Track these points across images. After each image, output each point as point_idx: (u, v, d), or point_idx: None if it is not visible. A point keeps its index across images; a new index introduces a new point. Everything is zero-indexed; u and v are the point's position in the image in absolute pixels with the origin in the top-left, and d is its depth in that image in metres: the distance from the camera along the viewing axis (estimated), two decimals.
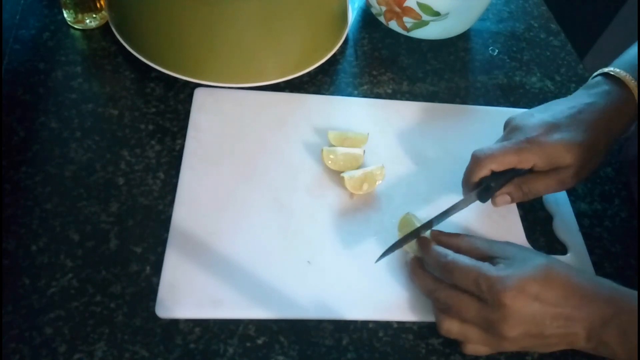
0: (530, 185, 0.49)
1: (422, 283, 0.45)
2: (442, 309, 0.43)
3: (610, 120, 0.49)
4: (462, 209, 0.49)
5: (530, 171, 0.49)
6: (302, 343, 0.44)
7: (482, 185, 0.49)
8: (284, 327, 0.45)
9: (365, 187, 0.52)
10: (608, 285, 0.41)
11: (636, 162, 0.57)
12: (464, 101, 0.64)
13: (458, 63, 0.69)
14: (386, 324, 0.46)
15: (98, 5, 0.61)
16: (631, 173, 0.59)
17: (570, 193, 0.57)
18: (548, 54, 0.72)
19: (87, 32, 0.62)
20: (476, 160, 0.48)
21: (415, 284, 0.46)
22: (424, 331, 0.46)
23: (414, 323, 0.46)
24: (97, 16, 0.61)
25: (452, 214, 0.49)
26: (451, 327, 0.42)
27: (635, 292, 0.40)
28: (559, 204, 0.56)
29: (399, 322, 0.46)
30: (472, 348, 0.43)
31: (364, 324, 0.46)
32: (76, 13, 0.60)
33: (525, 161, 0.47)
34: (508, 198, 0.50)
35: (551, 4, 0.80)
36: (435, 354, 0.45)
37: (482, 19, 0.74)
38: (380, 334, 0.46)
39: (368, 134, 0.56)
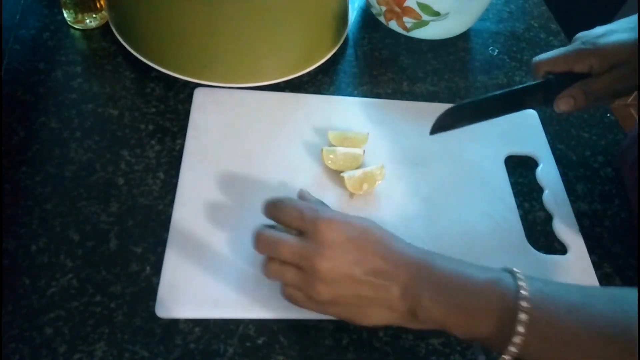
0: (592, 86, 0.50)
1: (254, 233, 0.42)
2: (263, 250, 0.41)
3: None
4: (527, 106, 0.51)
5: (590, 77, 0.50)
6: (302, 343, 0.44)
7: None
8: (284, 327, 0.45)
9: (365, 187, 0.52)
10: (424, 250, 0.40)
11: (634, 166, 0.57)
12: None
13: (458, 63, 0.69)
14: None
15: (98, 5, 0.61)
16: (628, 177, 0.59)
17: (570, 193, 0.57)
18: None
19: (87, 32, 0.62)
20: (534, 63, 0.51)
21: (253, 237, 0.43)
22: (424, 331, 0.46)
23: None
24: (97, 16, 0.61)
25: (510, 109, 0.50)
26: (271, 267, 0.41)
27: (451, 259, 0.40)
28: (559, 204, 0.56)
29: None
30: (288, 291, 0.41)
31: None
32: (76, 13, 0.60)
33: (582, 62, 0.49)
34: (571, 100, 0.50)
35: (551, 4, 0.80)
36: (435, 354, 0.45)
37: (482, 19, 0.74)
38: (380, 334, 0.46)
39: (368, 133, 0.56)
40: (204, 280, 0.45)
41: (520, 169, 0.59)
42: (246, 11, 0.54)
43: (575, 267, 0.51)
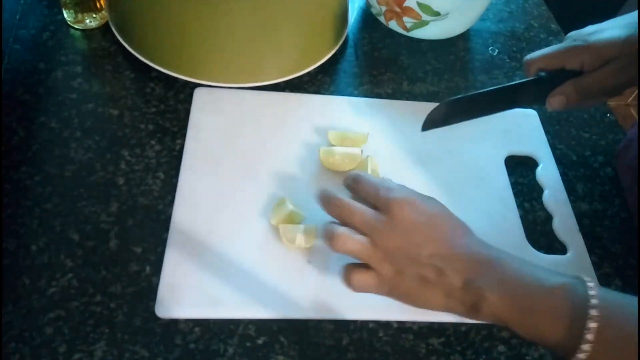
0: (584, 82, 0.50)
1: (322, 194, 0.44)
2: (335, 215, 0.42)
3: None
4: (519, 104, 0.51)
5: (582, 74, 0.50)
6: (302, 343, 0.44)
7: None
8: (284, 327, 0.45)
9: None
10: (494, 248, 0.40)
11: (630, 167, 0.57)
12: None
13: (458, 63, 0.69)
14: (386, 324, 0.46)
15: (98, 5, 0.61)
16: (625, 178, 0.59)
17: (570, 193, 0.57)
18: None
19: (87, 32, 0.62)
20: (525, 62, 0.51)
21: (318, 200, 0.44)
22: (424, 331, 0.46)
23: (414, 323, 0.46)
24: (97, 16, 0.61)
25: (502, 106, 0.50)
26: (347, 238, 0.40)
27: (519, 259, 0.40)
28: (559, 204, 0.56)
29: (399, 322, 0.46)
30: (357, 276, 0.41)
31: (364, 324, 0.46)
32: (76, 13, 0.60)
33: (573, 59, 0.49)
34: (563, 98, 0.50)
35: (551, 4, 0.80)
36: (435, 354, 0.45)
37: (482, 19, 0.74)
38: (380, 334, 0.46)
39: (368, 133, 0.56)
40: (204, 280, 0.45)
41: (520, 169, 0.59)
42: (246, 11, 0.54)
43: (575, 267, 0.51)
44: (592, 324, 0.34)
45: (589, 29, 0.51)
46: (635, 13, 0.51)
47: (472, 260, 0.39)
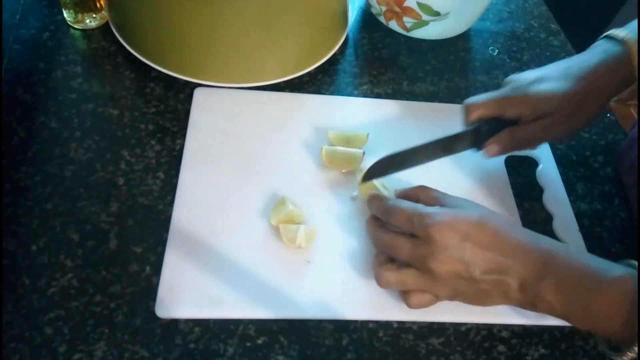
0: (519, 133, 0.50)
1: (370, 231, 0.46)
2: (380, 251, 0.45)
3: (602, 76, 0.49)
4: (456, 151, 0.52)
5: (519, 122, 0.50)
6: (302, 343, 0.44)
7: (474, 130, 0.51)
8: (284, 327, 0.45)
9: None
10: (545, 240, 0.41)
11: (633, 166, 0.57)
12: (464, 101, 0.64)
13: (458, 63, 0.69)
14: (386, 324, 0.46)
15: (98, 5, 0.61)
16: (627, 177, 0.59)
17: (570, 193, 0.57)
18: (548, 54, 0.72)
19: (87, 32, 0.62)
20: (465, 106, 0.51)
21: (368, 235, 0.47)
22: (424, 331, 0.46)
23: (414, 323, 0.46)
24: (97, 16, 0.61)
25: (441, 155, 0.51)
26: (390, 276, 0.42)
27: (572, 249, 0.41)
28: (559, 204, 0.56)
29: (399, 322, 0.46)
30: (415, 299, 0.43)
31: (364, 324, 0.46)
32: (76, 13, 0.60)
33: (510, 109, 0.50)
34: (500, 146, 0.51)
35: (551, 4, 0.80)
36: (435, 354, 0.45)
37: (482, 19, 0.74)
38: (380, 334, 0.46)
39: (368, 134, 0.56)
40: (204, 280, 0.45)
41: (520, 169, 0.59)
42: (246, 11, 0.54)
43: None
44: None
45: (529, 75, 0.51)
46: (576, 60, 0.51)
47: (524, 262, 0.39)
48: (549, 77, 0.50)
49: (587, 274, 0.38)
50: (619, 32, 0.51)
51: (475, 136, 0.51)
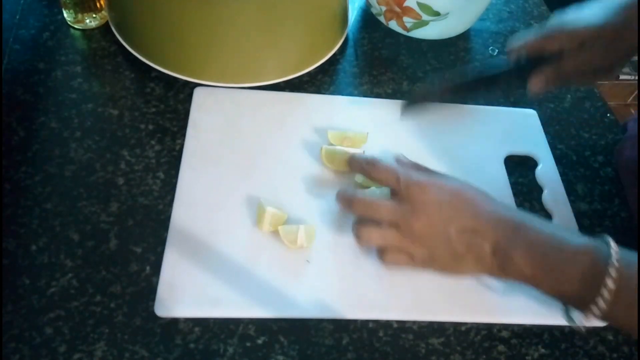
0: (561, 66, 0.51)
1: (343, 196, 0.46)
2: (359, 214, 0.45)
3: None
4: (504, 87, 0.53)
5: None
6: (302, 343, 0.44)
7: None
8: (284, 327, 0.45)
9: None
10: (518, 210, 0.43)
11: (630, 163, 0.57)
12: (464, 101, 0.64)
13: (458, 63, 0.69)
14: (386, 324, 0.46)
15: (98, 5, 0.61)
16: (625, 175, 0.59)
17: (570, 193, 0.57)
18: None
19: (87, 32, 0.62)
20: (507, 51, 0.53)
21: (338, 202, 0.47)
22: (424, 331, 0.46)
23: (414, 323, 0.46)
24: (97, 16, 0.61)
25: (492, 91, 0.52)
26: (371, 234, 0.44)
27: (542, 219, 0.42)
28: (559, 203, 0.56)
29: (399, 322, 0.46)
30: (390, 255, 0.44)
31: (364, 324, 0.46)
32: (76, 13, 0.60)
33: (552, 41, 0.51)
34: (543, 77, 0.52)
35: (551, 4, 0.80)
36: (435, 354, 0.45)
37: (482, 19, 0.74)
38: (380, 334, 0.46)
39: (367, 133, 0.56)
40: (203, 279, 0.45)
41: (520, 168, 0.59)
42: (246, 11, 0.54)
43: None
44: (610, 283, 0.36)
45: (570, 13, 0.52)
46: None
47: (497, 226, 0.41)
48: (588, 12, 0.51)
49: (554, 240, 0.40)
50: None
51: (519, 71, 0.52)
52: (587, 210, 0.57)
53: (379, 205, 0.43)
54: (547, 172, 0.58)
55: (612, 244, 0.38)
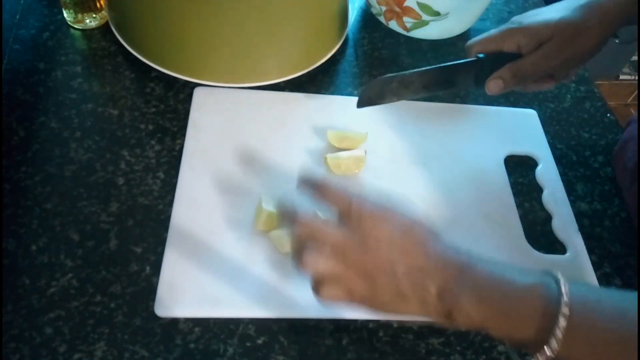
0: (520, 66, 0.51)
1: (285, 211, 0.41)
2: (304, 235, 0.40)
3: (602, 5, 0.50)
4: (457, 85, 0.52)
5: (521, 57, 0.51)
6: (302, 343, 0.44)
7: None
8: (284, 327, 0.45)
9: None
10: (465, 251, 0.40)
11: (629, 167, 0.57)
12: (464, 101, 0.64)
13: None
14: (386, 324, 0.46)
15: (98, 5, 0.61)
16: (623, 178, 0.59)
17: (570, 193, 0.57)
18: None
19: (87, 32, 0.62)
20: (465, 48, 0.53)
21: (280, 216, 0.43)
22: (424, 331, 0.46)
23: (414, 323, 0.46)
24: (97, 16, 0.61)
25: (440, 86, 0.51)
26: (317, 259, 0.39)
27: (490, 261, 0.39)
28: (559, 204, 0.56)
29: (399, 322, 0.46)
30: (328, 289, 0.39)
31: (364, 324, 0.46)
32: (76, 13, 0.60)
33: (510, 40, 0.51)
34: (500, 82, 0.51)
35: (551, 4, 0.80)
36: (435, 354, 0.45)
37: (482, 19, 0.74)
38: (380, 334, 0.46)
39: (367, 133, 0.56)
40: (203, 279, 0.45)
41: (519, 168, 0.59)
42: (246, 11, 0.54)
43: (575, 267, 0.51)
44: (562, 321, 0.34)
45: (529, 12, 0.52)
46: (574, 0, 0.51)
47: (445, 269, 0.38)
48: (546, 10, 0.51)
49: (504, 281, 0.38)
50: None
51: (477, 70, 0.51)
52: (587, 210, 0.57)
53: (328, 233, 0.39)
54: (547, 172, 0.58)
55: (562, 280, 0.36)
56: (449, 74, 0.51)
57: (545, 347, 0.35)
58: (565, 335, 0.34)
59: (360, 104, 0.46)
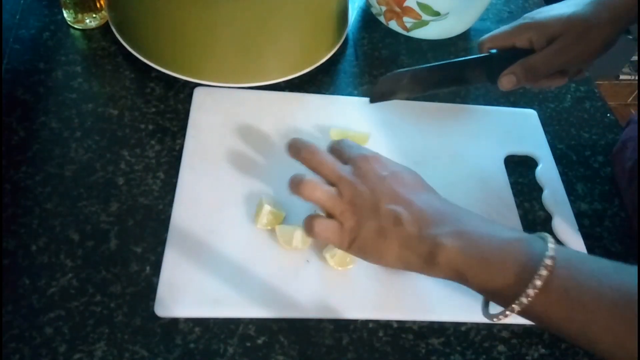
0: (532, 61, 0.51)
1: (294, 143, 0.44)
2: (305, 162, 0.43)
3: (613, 2, 0.50)
4: (470, 82, 0.52)
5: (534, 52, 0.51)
6: (302, 343, 0.44)
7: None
8: (284, 327, 0.45)
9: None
10: (454, 204, 0.41)
11: (628, 168, 0.57)
12: (464, 101, 0.64)
13: None
14: (386, 324, 0.46)
15: (98, 5, 0.61)
16: (621, 179, 0.59)
17: (570, 193, 0.57)
18: None
19: (87, 32, 0.62)
20: (478, 45, 0.53)
21: (288, 148, 0.44)
22: (424, 331, 0.46)
23: (414, 323, 0.46)
24: (97, 16, 0.61)
25: (453, 82, 0.51)
26: (315, 187, 0.40)
27: (477, 215, 0.40)
28: (559, 203, 0.56)
29: (399, 322, 0.46)
30: (319, 222, 0.40)
31: (364, 323, 0.46)
32: (76, 13, 0.60)
33: (521, 36, 0.51)
34: (513, 78, 0.51)
35: (551, 4, 0.80)
36: (435, 354, 0.45)
37: (482, 19, 0.74)
38: (380, 334, 0.46)
39: (369, 134, 0.56)
40: (203, 279, 0.45)
41: (520, 168, 0.59)
42: (246, 11, 0.54)
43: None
44: (543, 271, 0.34)
45: (541, 8, 0.52)
46: None
47: (429, 211, 0.39)
48: (558, 6, 0.51)
49: (489, 231, 0.38)
50: None
51: (489, 66, 0.51)
52: (587, 210, 0.57)
53: (326, 160, 0.42)
54: (547, 172, 0.58)
55: (550, 237, 0.36)
56: (461, 70, 0.51)
57: (521, 297, 0.34)
58: (543, 287, 0.34)
59: (373, 99, 0.47)
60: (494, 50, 0.53)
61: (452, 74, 0.50)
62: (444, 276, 0.38)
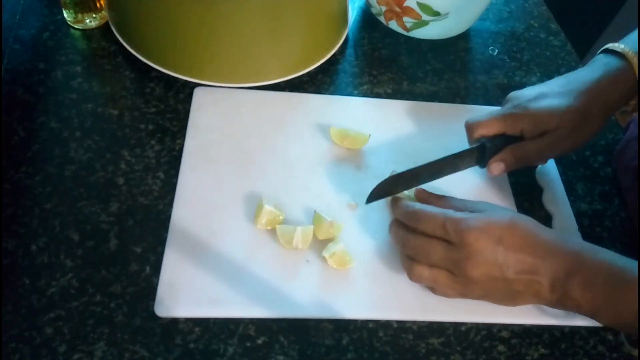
0: (522, 150, 0.51)
1: (395, 233, 0.46)
2: (411, 255, 0.44)
3: (604, 90, 0.50)
4: (460, 169, 0.52)
5: (523, 139, 0.51)
6: (302, 343, 0.44)
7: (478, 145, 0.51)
8: (284, 327, 0.45)
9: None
10: (573, 240, 0.43)
11: (631, 167, 0.57)
12: (464, 101, 0.64)
13: (458, 63, 0.69)
14: (386, 323, 0.46)
15: (98, 5, 0.61)
16: (624, 179, 0.59)
17: (570, 193, 0.57)
18: (548, 53, 0.72)
19: (87, 32, 0.62)
20: (467, 127, 0.52)
21: (391, 237, 0.47)
22: (424, 331, 0.46)
23: (414, 323, 0.46)
24: (97, 16, 0.61)
25: (445, 173, 0.51)
26: (422, 273, 0.43)
27: (599, 248, 0.42)
28: (559, 203, 0.56)
29: (399, 322, 0.46)
30: (441, 291, 0.44)
31: (364, 323, 0.46)
32: (76, 13, 0.60)
33: (513, 126, 0.50)
34: (502, 165, 0.51)
35: (551, 4, 0.80)
36: (435, 354, 0.45)
37: (482, 19, 0.74)
38: (380, 334, 0.46)
39: (370, 135, 0.56)
40: (203, 279, 0.45)
41: (520, 168, 0.58)
42: (246, 11, 0.54)
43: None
44: None
45: (529, 92, 0.52)
46: (577, 75, 0.52)
47: (555, 258, 0.41)
48: (550, 93, 0.50)
49: (613, 271, 0.40)
50: (617, 45, 0.51)
51: (480, 153, 0.51)
52: (587, 210, 0.57)
53: (431, 248, 0.43)
54: (547, 172, 0.58)
55: None
56: (453, 163, 0.51)
57: None
58: None
59: (369, 201, 0.48)
60: (484, 140, 0.51)
61: (446, 166, 0.51)
62: (573, 312, 0.42)
